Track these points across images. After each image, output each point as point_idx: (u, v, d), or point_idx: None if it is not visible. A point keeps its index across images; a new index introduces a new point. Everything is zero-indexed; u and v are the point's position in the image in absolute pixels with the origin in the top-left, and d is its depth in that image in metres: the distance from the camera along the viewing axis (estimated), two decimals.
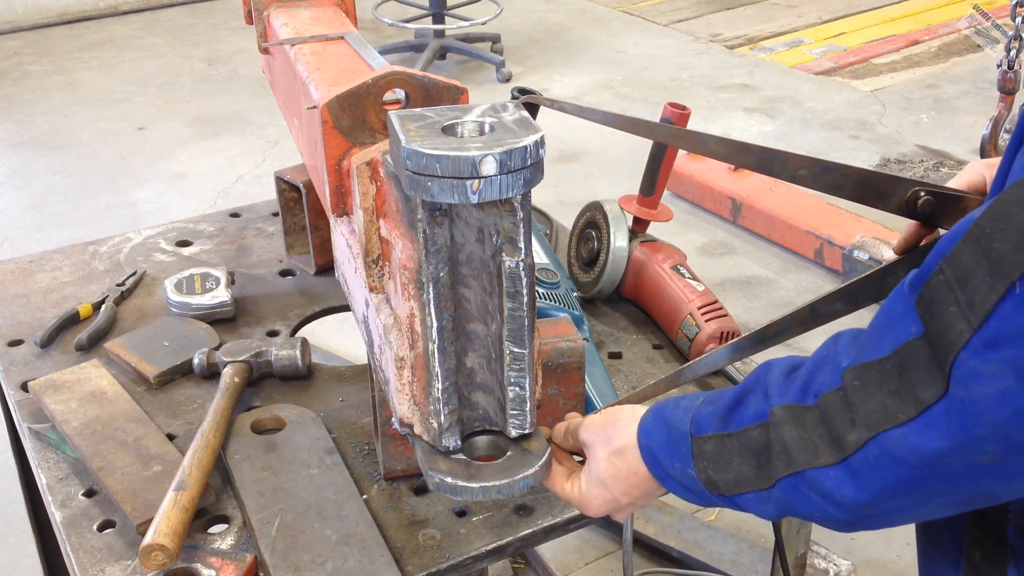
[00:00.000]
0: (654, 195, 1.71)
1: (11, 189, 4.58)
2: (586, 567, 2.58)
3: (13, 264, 1.87)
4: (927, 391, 0.74)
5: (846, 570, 2.48)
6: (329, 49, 1.58)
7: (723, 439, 0.91)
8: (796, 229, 3.86)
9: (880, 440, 0.77)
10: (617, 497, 1.03)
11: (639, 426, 1.00)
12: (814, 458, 0.82)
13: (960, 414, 0.73)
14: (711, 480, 0.92)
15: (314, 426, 1.41)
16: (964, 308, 0.72)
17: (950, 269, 0.74)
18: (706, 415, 0.93)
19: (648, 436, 0.99)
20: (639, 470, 1.00)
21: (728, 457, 0.90)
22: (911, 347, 0.76)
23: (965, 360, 0.72)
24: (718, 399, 0.94)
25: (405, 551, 1.23)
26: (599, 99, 5.36)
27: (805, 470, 0.83)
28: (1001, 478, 0.75)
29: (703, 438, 0.92)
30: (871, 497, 0.80)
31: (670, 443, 0.96)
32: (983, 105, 5.02)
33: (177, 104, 5.42)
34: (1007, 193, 0.72)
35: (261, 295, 1.76)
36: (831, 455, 0.81)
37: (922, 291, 0.76)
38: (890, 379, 0.77)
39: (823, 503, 0.84)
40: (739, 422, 0.90)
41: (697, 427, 0.93)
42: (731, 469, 0.90)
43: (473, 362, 1.02)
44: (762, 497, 0.89)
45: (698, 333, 1.56)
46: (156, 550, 1.15)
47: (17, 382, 1.54)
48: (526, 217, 0.96)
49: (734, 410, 0.91)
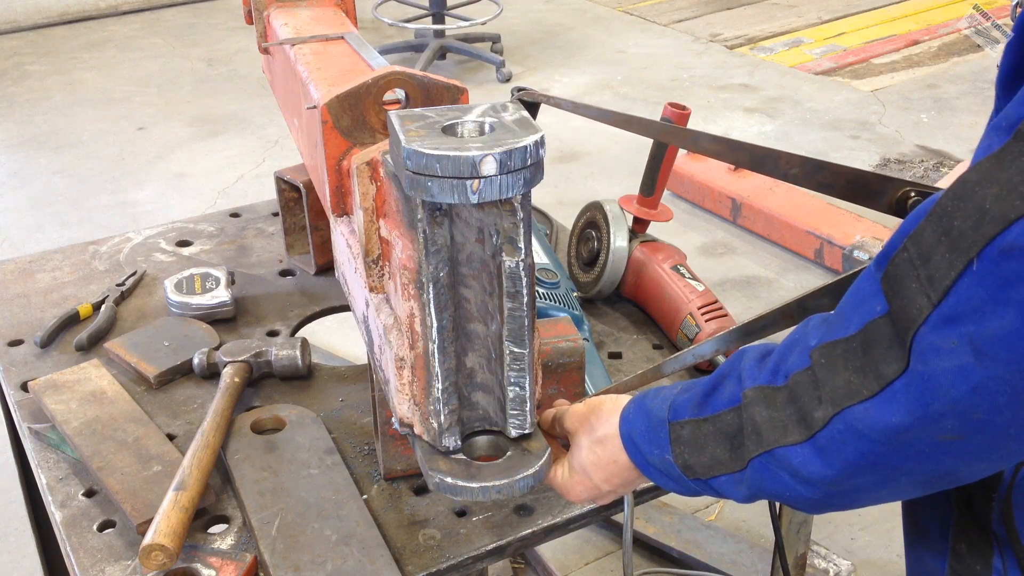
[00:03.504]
0: (654, 195, 1.71)
1: (11, 189, 4.58)
2: (586, 567, 2.58)
3: (13, 264, 1.87)
4: (889, 367, 0.75)
5: (846, 570, 2.48)
6: (329, 49, 1.58)
7: (699, 424, 0.92)
8: (796, 229, 3.87)
9: (844, 416, 0.78)
10: (598, 484, 1.05)
11: (621, 415, 1.02)
12: (783, 436, 0.84)
13: (919, 389, 0.73)
14: (687, 464, 0.94)
15: (314, 426, 1.41)
16: (925, 284, 0.73)
17: (914, 247, 0.75)
18: (683, 401, 0.95)
19: (629, 425, 1.00)
20: (619, 458, 1.01)
21: (703, 441, 0.92)
22: (875, 325, 0.77)
23: (924, 335, 0.72)
24: (695, 386, 0.96)
25: (405, 551, 1.23)
26: (599, 99, 5.36)
27: (774, 448, 0.85)
28: (962, 456, 0.76)
29: (680, 423, 0.94)
30: (836, 473, 0.81)
31: (649, 431, 0.97)
32: (983, 105, 5.02)
33: (177, 104, 5.42)
34: (969, 172, 0.73)
35: (261, 295, 1.76)
36: (799, 433, 0.82)
37: (887, 269, 0.77)
38: (855, 356, 0.78)
39: (792, 481, 0.85)
40: (714, 407, 0.91)
41: (674, 413, 0.95)
42: (706, 453, 0.92)
43: (473, 362, 1.02)
44: (735, 479, 0.90)
45: (698, 333, 1.56)
46: (156, 550, 1.15)
47: (17, 382, 1.54)
48: (526, 217, 0.96)
49: (709, 395, 0.93)
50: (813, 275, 3.79)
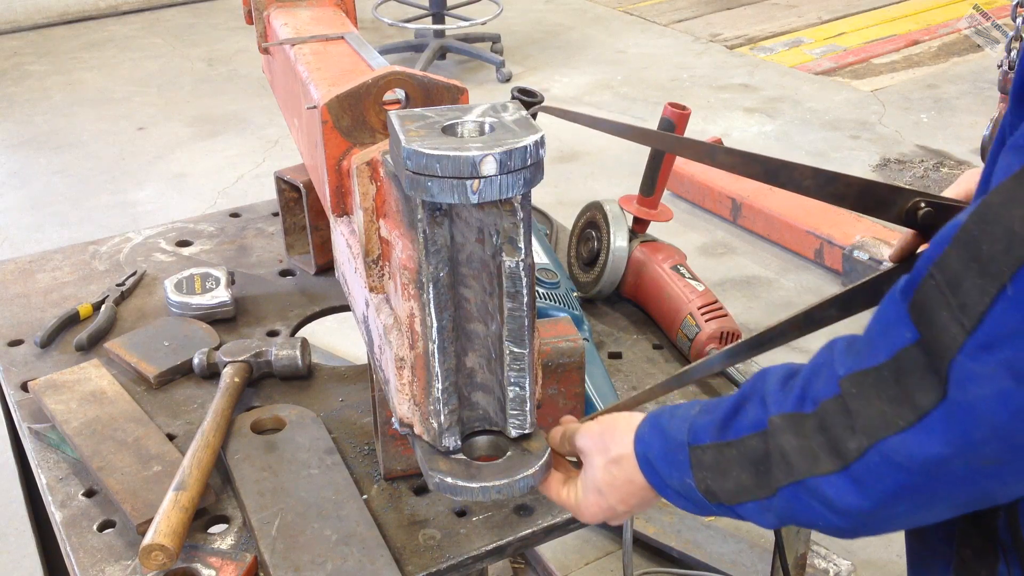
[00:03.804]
0: (654, 195, 1.71)
1: (11, 189, 4.58)
2: (586, 567, 2.58)
3: (13, 264, 1.87)
4: (925, 396, 0.74)
5: (846, 570, 2.48)
6: (329, 49, 1.58)
7: (721, 448, 0.91)
8: (796, 229, 3.86)
9: (880, 447, 0.77)
10: (613, 505, 1.03)
11: (635, 435, 1.00)
12: (814, 466, 0.82)
13: (959, 418, 0.73)
14: (710, 490, 0.92)
15: (314, 426, 1.41)
16: (957, 312, 0.72)
17: (940, 274, 0.74)
18: (703, 424, 0.93)
19: (645, 445, 0.98)
20: (635, 479, 1.00)
21: (727, 466, 0.90)
22: (907, 353, 0.76)
23: (961, 363, 0.72)
24: (715, 408, 0.94)
25: (405, 551, 1.23)
26: (599, 99, 5.36)
27: (806, 479, 0.83)
28: (1001, 479, 0.75)
29: (701, 448, 0.92)
30: (873, 505, 0.80)
31: (667, 452, 0.95)
32: (983, 105, 5.02)
33: (177, 104, 5.42)
34: (992, 195, 0.73)
35: (261, 295, 1.76)
36: (831, 463, 0.81)
37: (914, 297, 0.76)
38: (887, 386, 0.77)
39: (824, 511, 0.84)
40: (737, 431, 0.90)
41: (694, 436, 0.93)
42: (730, 478, 0.90)
43: (473, 362, 1.02)
44: (762, 506, 0.89)
45: (698, 333, 1.56)
46: (156, 550, 1.15)
47: (17, 382, 1.54)
48: (526, 217, 0.96)
49: (732, 419, 0.91)
50: (813, 275, 3.79)
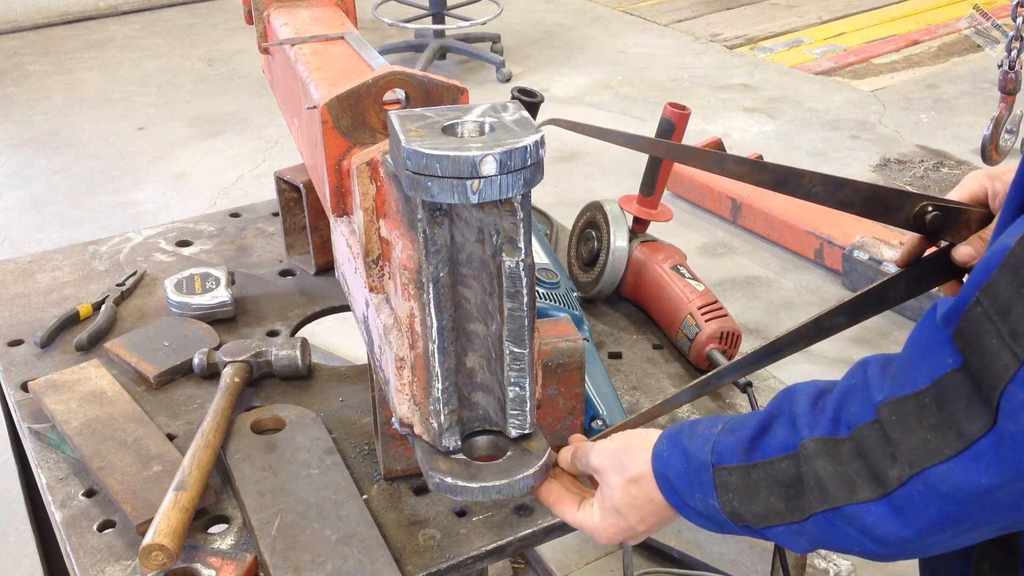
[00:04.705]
0: (654, 195, 1.71)
1: (11, 189, 4.58)
2: (586, 567, 2.58)
3: (13, 264, 1.87)
4: (972, 425, 0.73)
5: (846, 570, 2.48)
6: (329, 49, 1.58)
7: (748, 470, 0.88)
8: (796, 229, 3.86)
9: (925, 477, 0.76)
10: (633, 525, 1.01)
11: (653, 453, 0.98)
12: (852, 494, 0.81)
13: (1010, 447, 0.71)
14: (736, 512, 0.90)
15: (314, 426, 1.41)
16: (1008, 340, 0.71)
17: (988, 300, 0.72)
18: (728, 444, 0.91)
19: (664, 464, 0.96)
20: (656, 498, 0.97)
21: (755, 489, 0.88)
22: (949, 380, 0.74)
23: (1014, 393, 0.70)
24: (740, 427, 0.92)
25: (405, 551, 1.23)
26: (599, 99, 5.36)
27: (842, 506, 0.81)
28: None
29: (726, 469, 0.90)
30: (915, 533, 0.78)
31: (689, 472, 0.93)
32: (983, 105, 5.02)
33: (177, 104, 5.42)
34: None
35: (261, 295, 1.76)
36: (871, 491, 0.79)
37: (960, 324, 0.74)
38: (929, 413, 0.75)
39: (861, 538, 0.82)
40: (765, 452, 0.88)
41: (719, 456, 0.91)
42: (758, 501, 0.88)
43: (473, 362, 1.02)
44: (794, 530, 0.87)
45: (698, 333, 1.56)
46: (156, 550, 1.15)
47: (17, 382, 1.54)
48: (526, 217, 0.96)
49: (759, 439, 0.89)
50: (813, 275, 3.79)
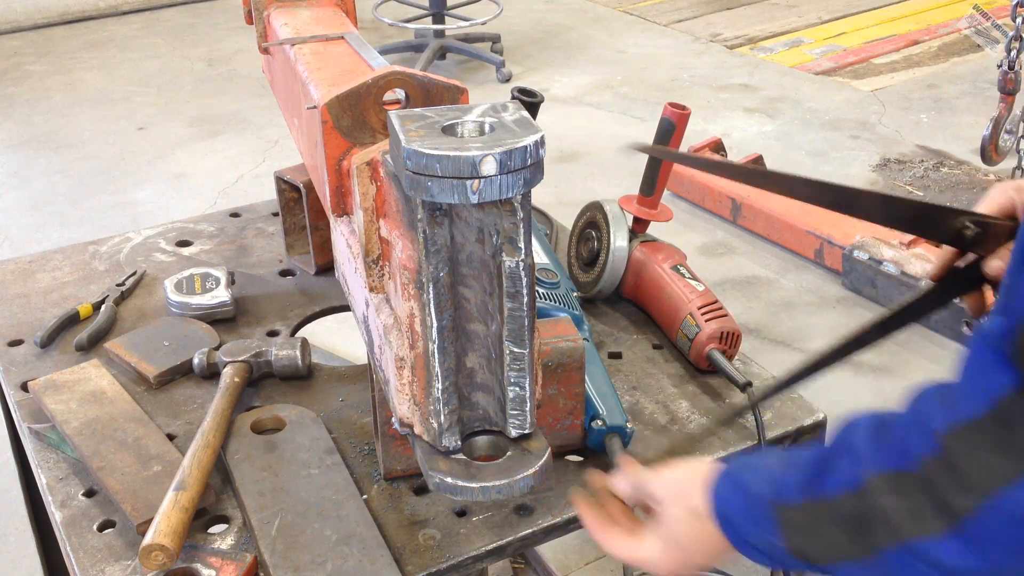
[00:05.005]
0: (654, 195, 1.71)
1: (11, 189, 4.58)
2: (586, 567, 2.58)
3: (13, 264, 1.87)
4: None
5: None
6: (329, 49, 1.58)
7: (813, 507, 0.87)
8: (796, 229, 3.86)
9: (996, 503, 0.74)
10: (696, 560, 1.00)
11: (713, 490, 0.97)
12: (921, 528, 0.79)
13: None
14: (800, 549, 0.89)
15: (314, 426, 1.41)
16: None
17: None
18: (789, 482, 0.89)
19: (723, 501, 0.95)
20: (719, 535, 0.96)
21: (819, 526, 0.86)
22: (1010, 401, 0.73)
23: None
24: (800, 462, 0.90)
25: (405, 551, 1.23)
26: (599, 99, 5.36)
27: (911, 540, 0.80)
28: None
29: (789, 507, 0.88)
30: (989, 563, 0.77)
31: (749, 510, 0.92)
32: (983, 105, 5.01)
33: (177, 104, 5.42)
34: None
35: (261, 295, 1.76)
36: (940, 524, 0.78)
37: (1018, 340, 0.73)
38: (992, 438, 0.74)
39: (932, 572, 0.80)
40: (828, 489, 0.86)
41: (778, 494, 0.90)
42: (823, 539, 0.86)
43: (473, 362, 1.02)
44: (860, 566, 0.85)
45: (698, 333, 1.56)
46: (156, 550, 1.16)
47: (17, 382, 1.54)
48: (526, 217, 0.96)
49: (821, 475, 0.87)
50: (813, 275, 3.80)
